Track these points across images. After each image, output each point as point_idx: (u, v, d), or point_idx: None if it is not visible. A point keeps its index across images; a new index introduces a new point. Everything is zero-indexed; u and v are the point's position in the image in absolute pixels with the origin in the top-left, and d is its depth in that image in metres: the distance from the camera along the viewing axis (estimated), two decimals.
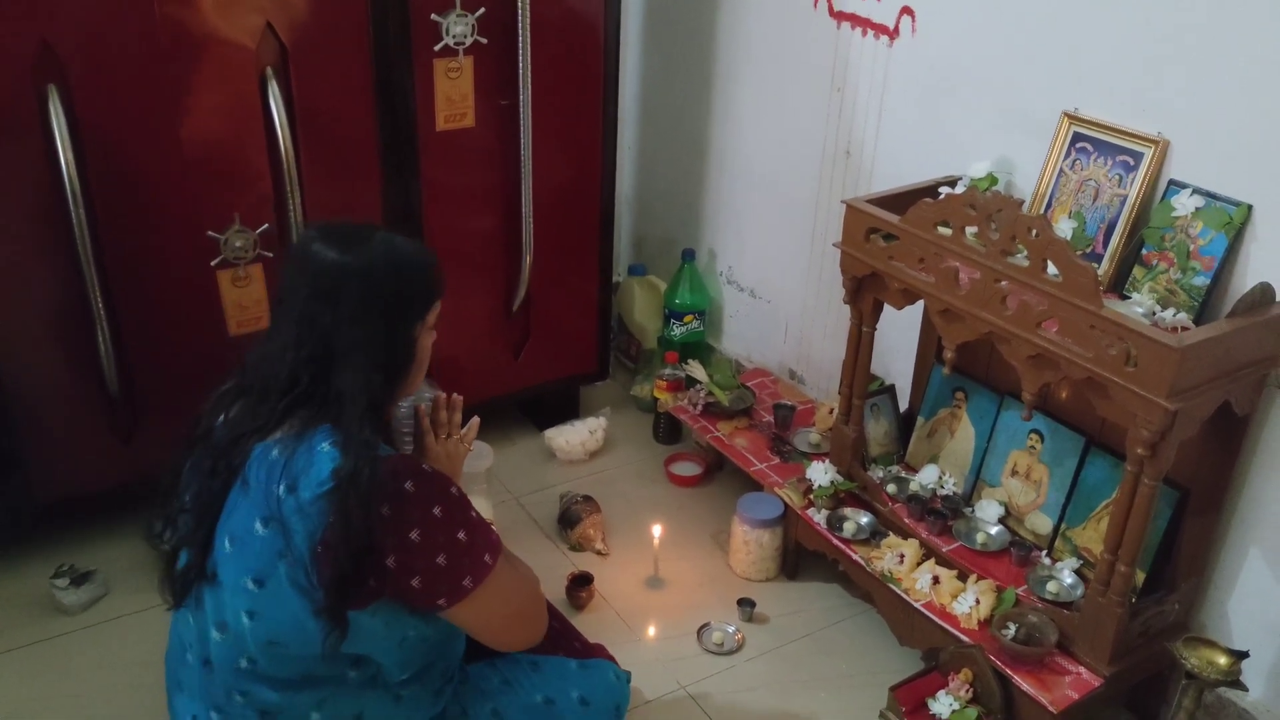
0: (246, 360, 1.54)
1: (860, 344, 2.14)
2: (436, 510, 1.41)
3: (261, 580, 1.41)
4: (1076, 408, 2.01)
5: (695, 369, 2.70)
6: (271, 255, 2.21)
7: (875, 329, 2.13)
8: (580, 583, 2.25)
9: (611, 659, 1.89)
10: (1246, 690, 1.64)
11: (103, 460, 2.21)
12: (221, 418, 1.51)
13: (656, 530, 2.35)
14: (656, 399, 2.74)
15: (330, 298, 1.42)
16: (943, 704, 1.83)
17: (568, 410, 2.86)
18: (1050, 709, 1.75)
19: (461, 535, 1.43)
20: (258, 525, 1.40)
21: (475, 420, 1.77)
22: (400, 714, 1.55)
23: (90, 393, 2.15)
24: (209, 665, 1.54)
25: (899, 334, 2.36)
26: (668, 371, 2.73)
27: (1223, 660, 1.62)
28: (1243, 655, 1.63)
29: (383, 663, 1.49)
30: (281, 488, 1.38)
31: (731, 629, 2.18)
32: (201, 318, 2.20)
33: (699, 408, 2.62)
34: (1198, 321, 1.73)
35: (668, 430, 2.82)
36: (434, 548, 1.40)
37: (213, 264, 2.15)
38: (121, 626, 2.13)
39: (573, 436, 2.73)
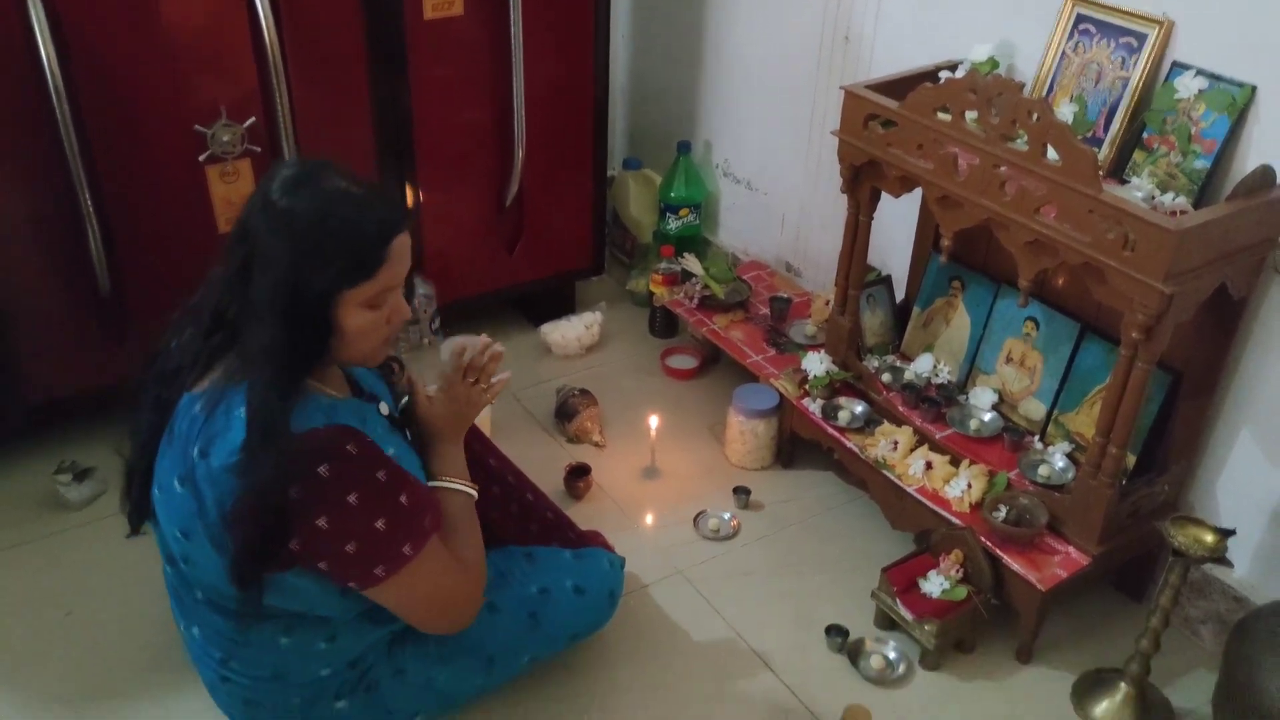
0: (206, 278, 1.50)
1: (857, 233, 2.13)
2: (351, 498, 1.35)
3: (187, 534, 1.41)
4: (1072, 294, 2.01)
5: (691, 263, 2.69)
6: (259, 150, 2.17)
7: (872, 219, 2.12)
8: (578, 474, 2.28)
9: (608, 546, 1.93)
10: (1232, 566, 1.68)
11: (97, 360, 2.20)
12: (176, 341, 1.48)
13: (653, 422, 2.38)
14: (652, 293, 2.73)
15: (250, 236, 1.35)
16: (934, 584, 1.88)
17: (563, 306, 2.86)
18: (1039, 587, 1.80)
19: (380, 524, 1.38)
20: (176, 483, 1.39)
21: (506, 375, 1.75)
22: (380, 630, 1.57)
23: (81, 293, 2.13)
24: (175, 593, 1.57)
25: (896, 224, 2.35)
26: (663, 265, 2.72)
27: (1209, 538, 1.66)
28: (1229, 533, 1.67)
29: (328, 615, 1.49)
30: (196, 450, 1.36)
31: (727, 516, 2.22)
32: (191, 215, 2.17)
33: (695, 301, 2.62)
34: (1197, 205, 1.72)
35: (663, 324, 2.82)
36: (343, 535, 1.36)
37: (200, 159, 2.12)
38: (124, 522, 2.15)
39: (568, 332, 2.73)
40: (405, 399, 1.69)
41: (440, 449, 1.65)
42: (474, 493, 1.63)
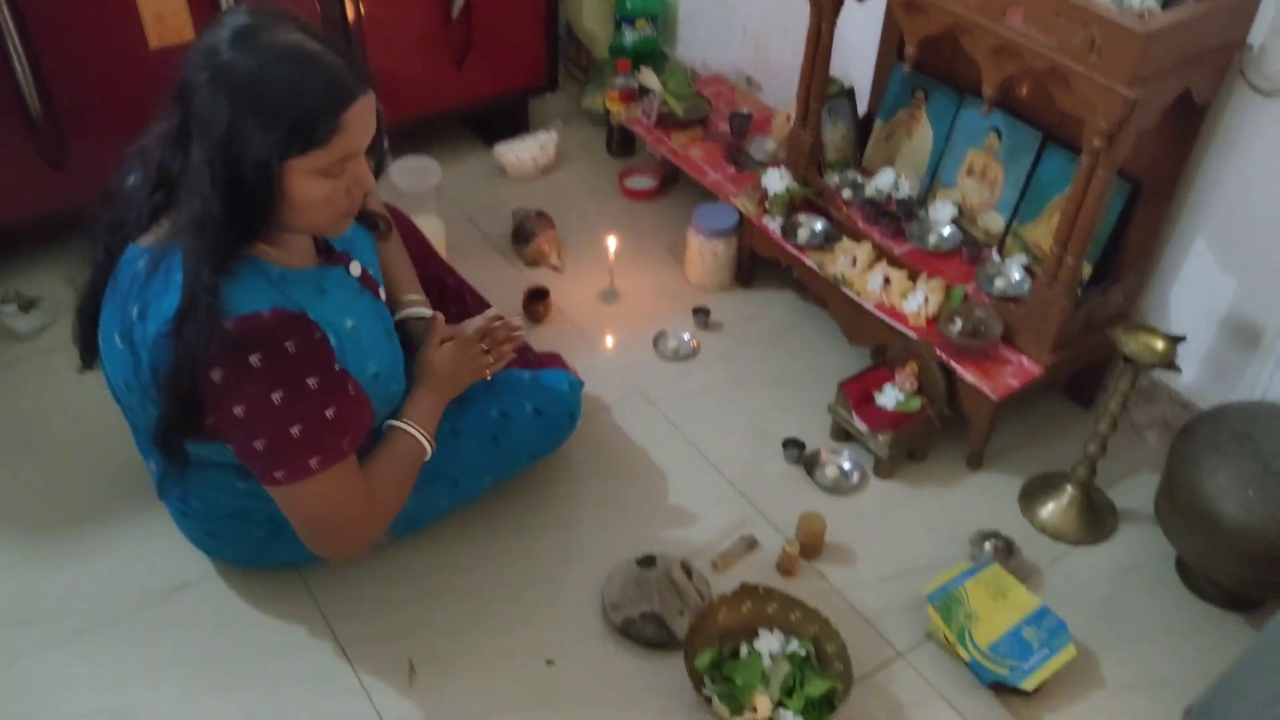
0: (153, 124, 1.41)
1: (819, 43, 2.05)
2: (275, 396, 1.30)
3: (128, 386, 1.40)
4: (1036, 103, 1.97)
5: (648, 77, 2.59)
6: None
7: (835, 26, 2.03)
8: (536, 297, 2.26)
9: (566, 367, 1.93)
10: (1180, 372, 1.71)
11: (36, 188, 2.12)
12: (131, 178, 1.40)
13: (611, 243, 2.34)
14: (609, 111, 2.65)
15: (188, 92, 1.24)
16: (889, 396, 1.91)
17: (517, 125, 2.77)
18: (991, 397, 1.83)
19: (295, 430, 1.32)
20: (117, 339, 1.36)
21: (510, 355, 1.72)
22: None
23: (12, 119, 2.03)
24: (132, 427, 1.56)
25: (859, 34, 2.27)
26: (620, 81, 2.62)
27: (1160, 345, 1.68)
28: (1179, 340, 1.69)
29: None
30: (135, 310, 1.31)
31: (687, 336, 2.22)
32: (119, 32, 2.05)
33: (653, 118, 2.54)
34: (1165, 7, 1.66)
35: (621, 143, 2.75)
36: (255, 431, 1.32)
37: None
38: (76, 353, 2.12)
39: (523, 152, 2.65)
40: (412, 316, 1.67)
41: (422, 395, 1.60)
42: (429, 449, 1.57)
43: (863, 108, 2.33)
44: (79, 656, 1.60)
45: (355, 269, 1.51)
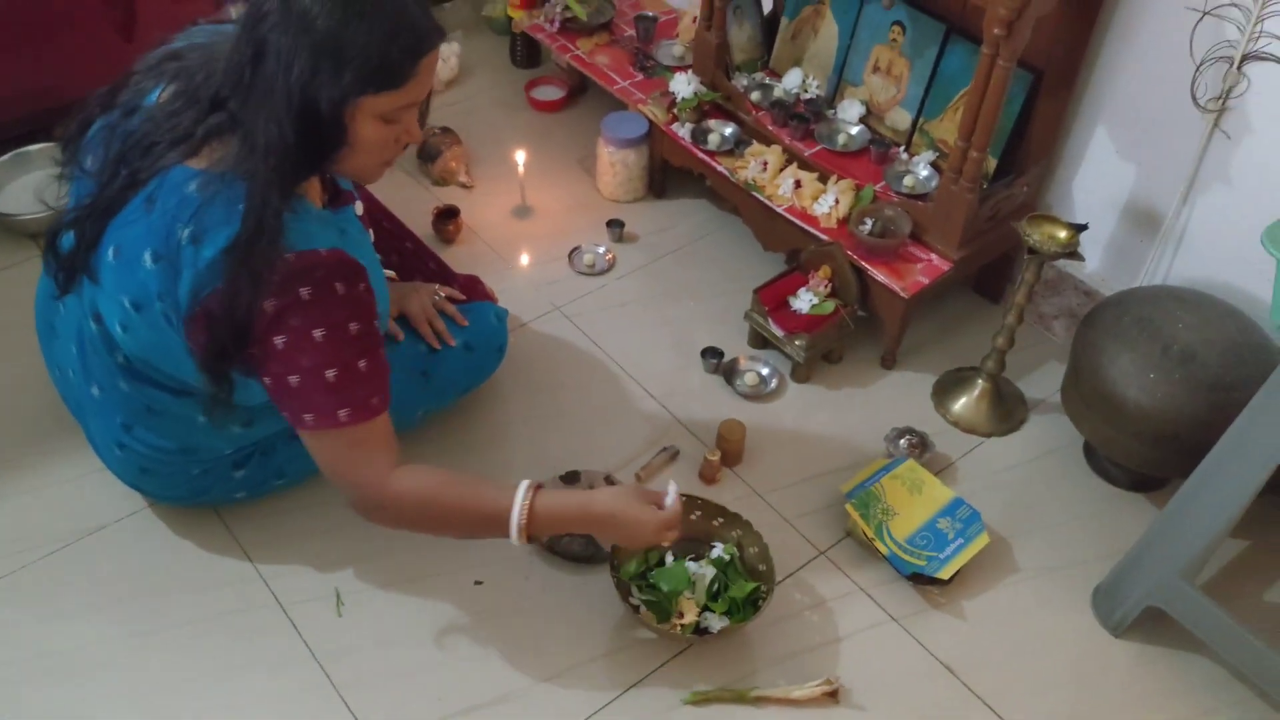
0: (200, 31, 1.37)
1: None
2: (317, 333, 1.29)
3: (138, 305, 1.35)
4: None
5: None
6: None
7: None
8: (446, 216, 2.21)
9: (490, 295, 1.91)
10: (1084, 260, 1.73)
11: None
12: (155, 95, 1.35)
13: (520, 158, 2.29)
14: (511, 18, 2.56)
15: (269, 18, 1.21)
16: (803, 300, 1.91)
17: None
18: (901, 294, 1.84)
19: (330, 374, 1.31)
20: (147, 257, 1.31)
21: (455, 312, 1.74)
22: None
23: None
24: (84, 348, 1.50)
25: None
26: None
27: (1062, 234, 1.70)
28: (1081, 228, 1.71)
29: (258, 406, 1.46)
30: (186, 233, 1.27)
31: (602, 249, 2.20)
32: None
33: (556, 25, 2.47)
34: None
35: (526, 52, 2.67)
36: (293, 366, 1.30)
37: None
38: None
39: None
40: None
41: (573, 508, 1.45)
42: (511, 537, 1.40)
43: (769, 6, 2.29)
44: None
45: (359, 208, 1.50)
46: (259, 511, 1.69)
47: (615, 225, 2.23)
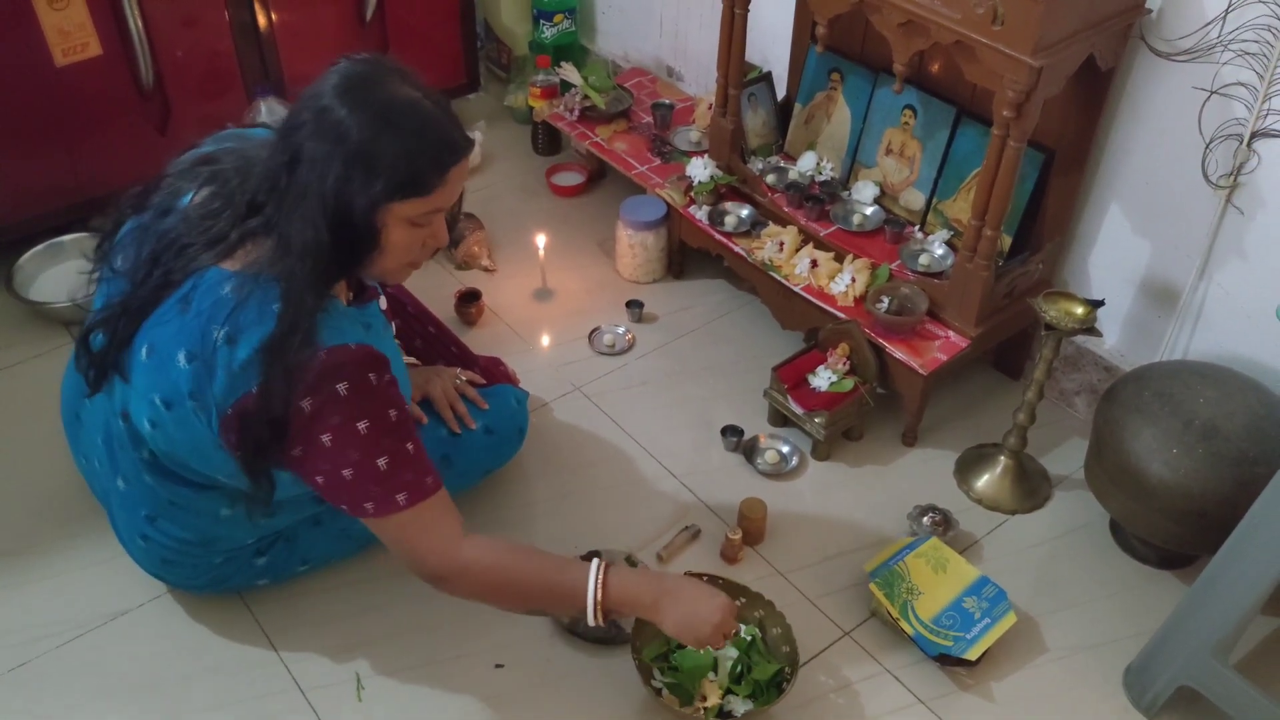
0: (229, 136, 1.42)
1: (734, 27, 2.06)
2: (361, 425, 1.32)
3: (169, 404, 1.36)
4: (948, 79, 1.99)
5: (569, 72, 2.58)
6: None
7: (748, 10, 2.04)
8: (469, 299, 2.24)
9: (511, 378, 1.93)
10: (1101, 336, 1.74)
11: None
12: (190, 196, 1.39)
13: (541, 241, 2.33)
14: (532, 107, 2.63)
15: (304, 128, 1.27)
16: (822, 378, 1.92)
17: None
18: (920, 371, 1.85)
19: (382, 462, 1.34)
20: (181, 357, 1.33)
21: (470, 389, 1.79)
22: (320, 507, 1.57)
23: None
24: (110, 442, 1.53)
25: (773, 17, 2.28)
26: (540, 77, 2.61)
27: (1079, 310, 1.71)
28: (1098, 304, 1.72)
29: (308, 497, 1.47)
30: (222, 334, 1.30)
31: (621, 330, 2.22)
32: (23, 49, 2.01)
33: (575, 113, 2.53)
34: None
35: (546, 140, 2.73)
36: (343, 461, 1.33)
37: None
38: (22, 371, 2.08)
39: None
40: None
41: (644, 589, 1.45)
42: (588, 615, 1.42)
43: (782, 92, 2.34)
44: (19, 688, 1.57)
45: (383, 303, 1.53)
46: (281, 594, 1.69)
47: (635, 306, 2.26)
